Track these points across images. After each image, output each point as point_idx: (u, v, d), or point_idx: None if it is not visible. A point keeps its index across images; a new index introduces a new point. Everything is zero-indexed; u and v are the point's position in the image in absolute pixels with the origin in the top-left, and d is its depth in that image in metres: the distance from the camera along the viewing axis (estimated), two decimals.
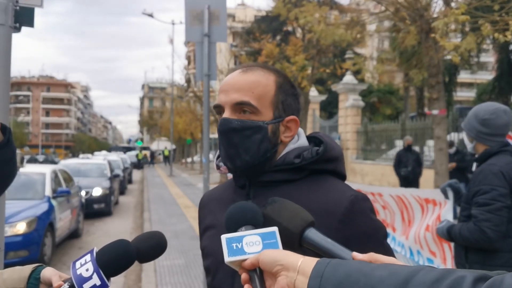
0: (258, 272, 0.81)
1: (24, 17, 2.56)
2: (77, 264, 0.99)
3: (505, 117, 2.49)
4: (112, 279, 1.02)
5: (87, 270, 0.97)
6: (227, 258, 0.82)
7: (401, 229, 4.30)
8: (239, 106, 1.12)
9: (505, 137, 2.53)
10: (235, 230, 0.86)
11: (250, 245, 0.83)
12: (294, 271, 0.74)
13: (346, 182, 1.20)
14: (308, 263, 0.74)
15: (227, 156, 1.15)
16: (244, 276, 0.81)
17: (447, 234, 2.61)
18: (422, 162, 10.35)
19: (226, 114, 1.13)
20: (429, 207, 3.83)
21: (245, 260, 0.82)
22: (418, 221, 3.99)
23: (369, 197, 4.73)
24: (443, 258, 3.57)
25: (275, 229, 0.85)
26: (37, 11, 2.64)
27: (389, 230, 4.56)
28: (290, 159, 1.15)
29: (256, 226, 0.87)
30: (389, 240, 4.32)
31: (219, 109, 1.16)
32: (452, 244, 3.05)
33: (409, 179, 9.76)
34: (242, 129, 1.12)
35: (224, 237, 0.84)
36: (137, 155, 42.37)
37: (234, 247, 0.83)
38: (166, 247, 1.09)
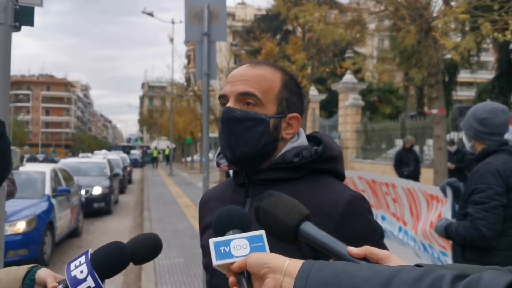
0: (245, 275, 0.81)
1: (24, 16, 2.57)
2: (72, 266, 0.99)
3: (503, 116, 2.51)
4: (111, 277, 1.02)
5: (81, 271, 0.97)
6: (215, 262, 0.83)
7: (411, 223, 4.32)
8: (244, 97, 1.14)
9: (503, 136, 2.55)
10: (223, 234, 0.87)
11: (238, 248, 0.84)
12: (281, 273, 0.75)
13: (360, 172, 1.21)
14: (294, 264, 0.75)
15: (227, 145, 1.16)
16: (232, 279, 0.82)
17: (445, 232, 2.63)
18: (419, 161, 10.41)
19: (230, 103, 1.15)
20: (433, 203, 3.85)
21: (233, 263, 0.82)
22: (424, 216, 4.02)
23: (383, 188, 4.73)
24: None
25: (262, 232, 0.86)
26: (37, 10, 2.65)
27: (400, 223, 4.57)
28: (289, 158, 1.16)
29: (244, 229, 0.88)
30: (401, 234, 4.31)
31: (224, 99, 1.17)
32: None
33: (410, 178, 9.76)
34: (245, 119, 1.13)
35: (212, 241, 0.85)
36: (152, 153, 44.72)
37: (222, 251, 0.83)
38: (161, 249, 1.09)
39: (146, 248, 1.06)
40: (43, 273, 1.10)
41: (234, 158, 1.16)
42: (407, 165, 9.90)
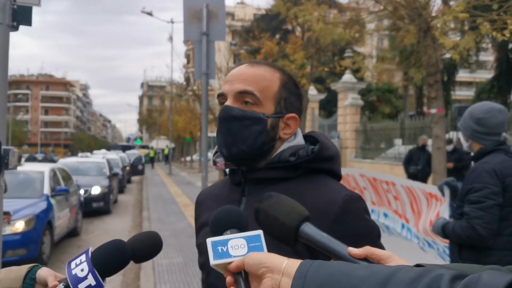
0: (243, 275, 0.81)
1: (21, 16, 2.57)
2: (72, 264, 0.99)
3: (500, 116, 2.51)
4: (110, 277, 1.02)
5: (82, 270, 0.97)
6: (212, 261, 0.83)
7: (413, 220, 4.33)
8: (242, 95, 1.14)
9: (500, 136, 2.55)
10: (220, 234, 0.87)
11: (235, 248, 0.84)
12: (278, 272, 0.75)
13: (361, 170, 1.21)
14: (292, 264, 0.75)
15: (224, 143, 1.16)
16: (229, 279, 0.82)
17: (442, 231, 2.64)
18: (431, 161, 10.33)
19: (229, 102, 1.15)
20: (433, 201, 3.86)
21: (230, 263, 0.82)
22: (424, 213, 4.04)
23: (383, 185, 4.73)
24: None
25: (260, 232, 0.86)
26: (36, 10, 2.66)
27: (402, 221, 4.58)
28: (286, 157, 1.16)
29: (241, 229, 0.88)
30: (404, 231, 4.31)
31: (222, 98, 1.18)
32: None
33: (417, 177, 9.69)
34: (242, 118, 1.13)
35: (209, 241, 0.85)
36: (149, 153, 44.21)
37: (220, 250, 0.83)
38: (161, 247, 1.09)
39: (147, 246, 1.06)
40: (43, 272, 1.10)
41: (230, 155, 1.16)
42: (415, 164, 9.86)
